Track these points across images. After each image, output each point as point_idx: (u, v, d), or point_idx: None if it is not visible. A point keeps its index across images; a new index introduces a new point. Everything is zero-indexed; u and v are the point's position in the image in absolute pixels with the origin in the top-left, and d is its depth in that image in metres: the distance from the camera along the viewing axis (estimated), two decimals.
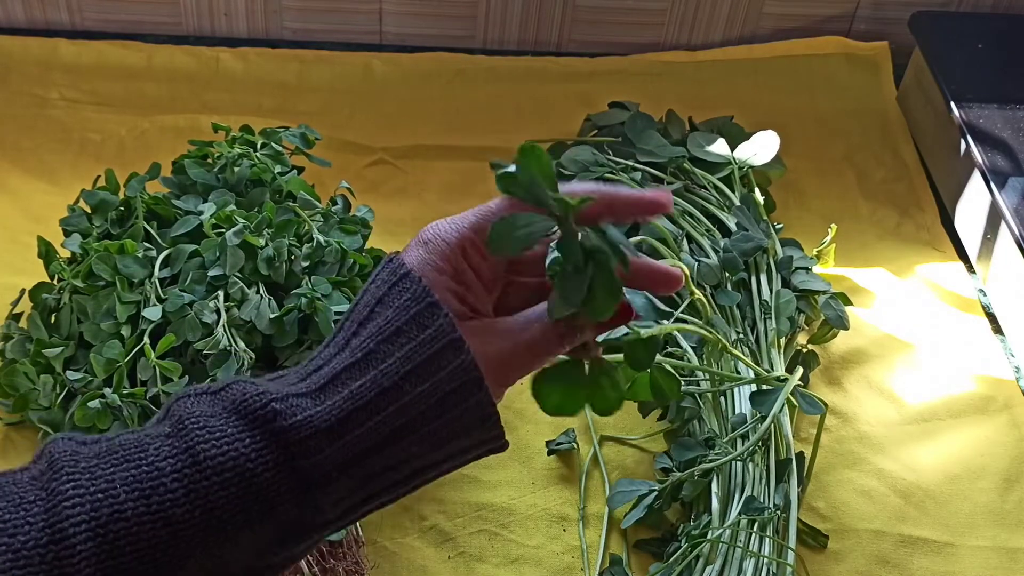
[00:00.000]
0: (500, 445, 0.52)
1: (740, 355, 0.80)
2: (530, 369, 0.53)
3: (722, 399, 0.83)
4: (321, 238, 0.81)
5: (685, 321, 0.81)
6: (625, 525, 0.78)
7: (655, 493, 0.78)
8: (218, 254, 0.79)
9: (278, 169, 0.87)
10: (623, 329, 0.57)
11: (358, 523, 0.74)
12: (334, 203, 0.87)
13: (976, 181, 1.00)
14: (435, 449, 0.50)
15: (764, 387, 0.79)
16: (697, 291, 0.78)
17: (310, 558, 0.70)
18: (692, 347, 0.85)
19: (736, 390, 0.82)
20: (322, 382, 0.49)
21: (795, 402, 0.79)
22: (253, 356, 0.75)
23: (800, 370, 0.82)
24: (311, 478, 0.48)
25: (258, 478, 0.47)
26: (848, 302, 0.92)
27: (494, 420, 0.51)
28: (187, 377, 0.74)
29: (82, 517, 0.45)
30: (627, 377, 0.61)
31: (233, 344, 0.75)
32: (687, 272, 0.68)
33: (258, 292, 0.77)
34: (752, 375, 0.82)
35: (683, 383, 0.83)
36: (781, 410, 0.77)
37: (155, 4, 1.15)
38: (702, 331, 0.76)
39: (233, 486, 0.46)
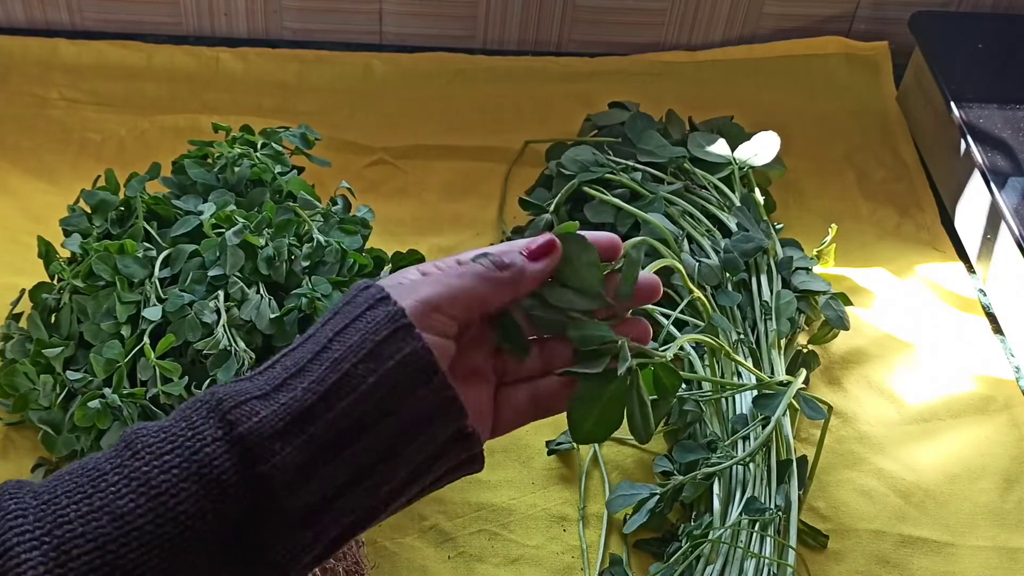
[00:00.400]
0: (463, 434, 0.51)
1: (742, 361, 0.80)
2: (471, 306, 0.54)
3: (724, 400, 0.83)
4: (321, 238, 0.81)
5: (685, 323, 0.81)
6: (628, 530, 0.78)
7: (657, 497, 0.78)
8: (218, 254, 0.79)
9: (278, 169, 0.87)
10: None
11: None
12: (334, 203, 0.87)
13: (976, 181, 1.00)
14: (405, 443, 0.50)
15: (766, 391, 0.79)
16: (697, 291, 0.78)
17: None
18: (693, 347, 0.85)
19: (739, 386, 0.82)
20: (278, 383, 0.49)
21: (797, 406, 0.79)
22: (253, 356, 0.75)
23: (803, 373, 0.82)
24: (252, 446, 0.46)
25: (198, 454, 0.46)
26: (848, 302, 0.92)
27: (459, 410, 0.50)
28: (187, 377, 0.74)
29: (26, 528, 0.44)
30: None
31: (233, 344, 0.75)
32: (682, 270, 0.68)
33: (258, 292, 0.77)
34: (753, 380, 0.82)
35: (686, 387, 0.83)
36: (784, 413, 0.77)
37: (155, 4, 1.15)
38: (707, 340, 0.76)
39: (175, 468, 0.45)
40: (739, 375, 0.83)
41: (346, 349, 0.50)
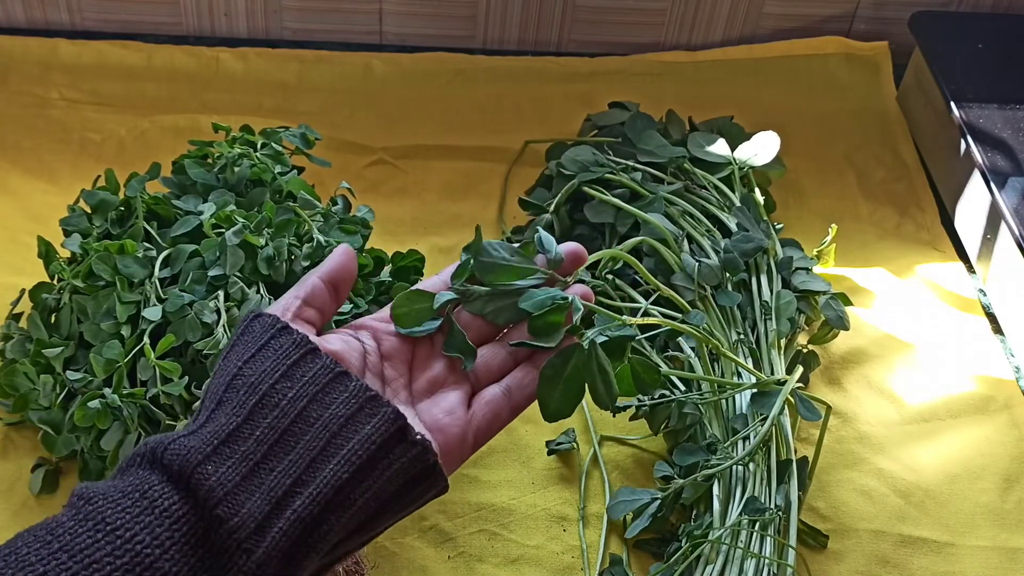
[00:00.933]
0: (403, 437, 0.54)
1: (737, 359, 0.80)
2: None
3: (724, 401, 0.83)
4: (321, 238, 0.81)
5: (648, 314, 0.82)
6: (629, 535, 0.78)
7: (658, 502, 0.77)
8: (218, 254, 0.78)
9: (278, 169, 0.87)
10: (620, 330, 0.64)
11: None
12: (334, 203, 0.87)
13: (976, 181, 1.00)
14: (351, 462, 0.52)
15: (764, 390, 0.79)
16: (662, 287, 0.80)
17: None
18: (692, 348, 0.85)
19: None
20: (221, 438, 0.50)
21: (795, 403, 0.79)
22: None
23: (799, 370, 0.82)
24: (189, 477, 0.48)
25: (146, 495, 0.47)
26: (848, 302, 0.92)
27: (383, 404, 0.53)
28: (187, 377, 0.74)
29: None
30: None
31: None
32: (623, 255, 0.72)
33: (258, 292, 0.77)
34: (752, 378, 0.82)
35: (684, 389, 0.83)
36: (781, 412, 0.77)
37: (155, 4, 1.15)
38: (690, 330, 0.76)
39: (128, 508, 0.47)
40: (739, 375, 0.83)
41: (260, 373, 0.52)
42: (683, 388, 0.83)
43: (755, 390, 0.79)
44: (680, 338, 0.85)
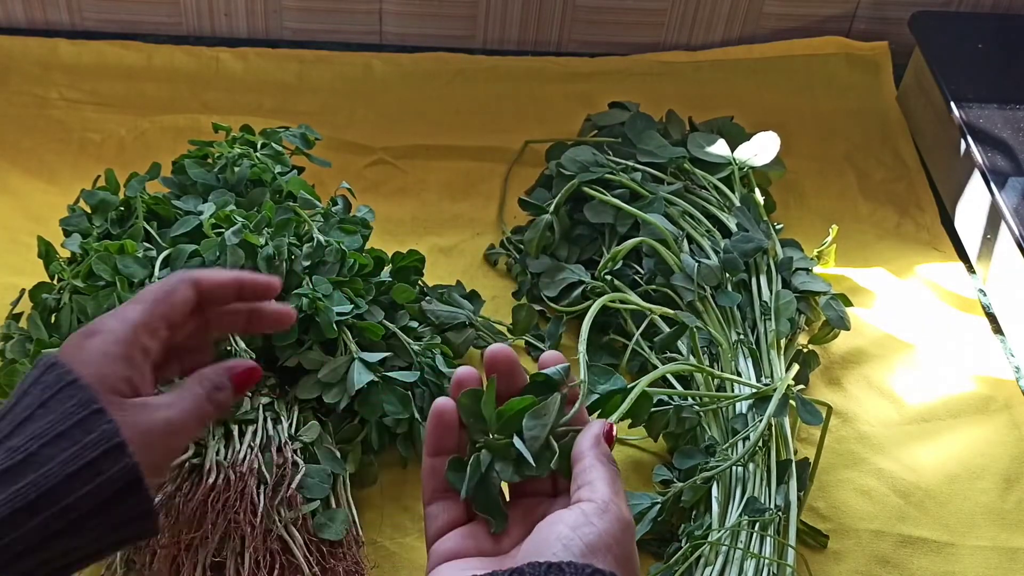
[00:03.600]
0: (151, 531, 0.53)
1: (734, 377, 0.80)
2: (192, 433, 0.57)
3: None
4: (321, 238, 0.81)
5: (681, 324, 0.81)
6: None
7: (658, 507, 0.77)
8: (218, 254, 0.78)
9: (278, 169, 0.87)
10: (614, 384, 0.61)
11: (358, 523, 0.74)
12: (334, 203, 0.87)
13: (976, 181, 1.00)
14: (93, 543, 0.51)
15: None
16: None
17: (310, 558, 0.69)
18: (690, 350, 0.85)
19: (736, 390, 0.82)
20: None
21: (795, 405, 0.79)
22: (253, 356, 0.75)
23: (795, 369, 0.82)
24: None
25: None
26: (848, 302, 0.92)
27: (152, 516, 0.52)
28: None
29: None
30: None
31: (233, 344, 0.75)
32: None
33: None
34: (752, 380, 0.82)
35: (683, 393, 0.83)
36: (781, 412, 0.77)
37: (155, 4, 1.15)
38: (690, 368, 0.76)
39: None
40: (739, 375, 0.83)
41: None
42: (680, 388, 0.84)
43: (753, 390, 0.79)
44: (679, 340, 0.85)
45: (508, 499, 0.58)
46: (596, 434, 0.56)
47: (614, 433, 0.57)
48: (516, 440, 0.56)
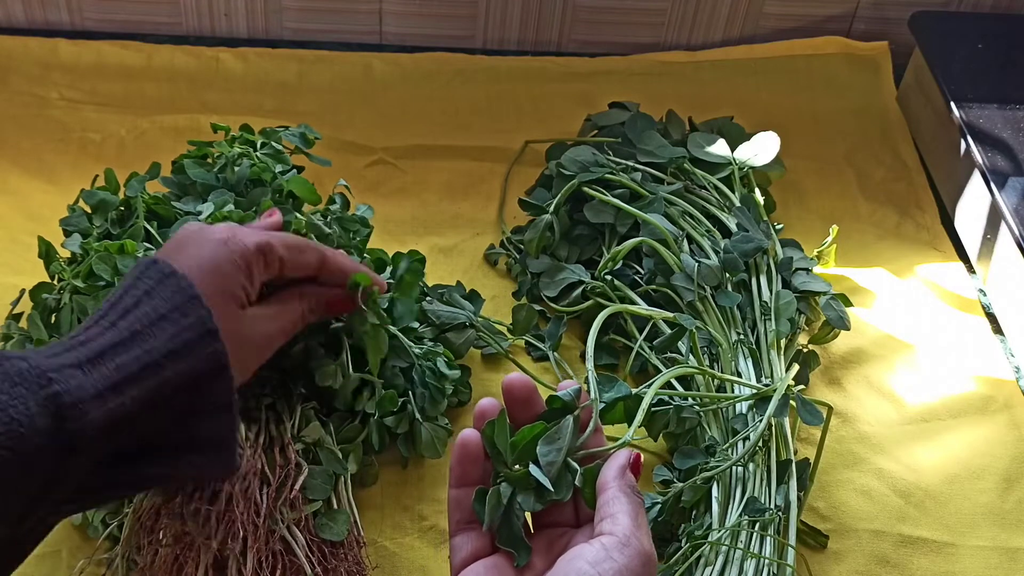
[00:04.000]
0: (230, 435, 0.58)
1: (733, 378, 0.80)
2: (282, 342, 0.68)
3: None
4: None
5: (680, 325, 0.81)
6: None
7: (658, 507, 0.77)
8: None
9: (278, 168, 0.87)
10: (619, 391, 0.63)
11: (359, 524, 0.74)
12: (332, 202, 0.87)
13: (976, 181, 1.00)
14: (178, 431, 0.57)
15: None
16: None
17: (312, 558, 0.69)
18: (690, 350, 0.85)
19: (736, 390, 0.82)
20: (91, 355, 0.54)
21: (796, 405, 0.79)
22: None
23: (795, 369, 0.82)
24: (75, 440, 0.51)
25: (27, 442, 0.49)
26: (848, 302, 0.92)
27: (230, 408, 0.58)
28: None
29: None
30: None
31: None
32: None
33: None
34: (752, 380, 0.82)
35: (683, 394, 0.83)
36: (781, 413, 0.77)
37: (155, 4, 1.15)
38: (691, 370, 0.76)
39: (4, 449, 0.49)
40: (739, 375, 0.83)
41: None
42: (680, 388, 0.84)
43: (754, 390, 0.79)
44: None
45: (532, 529, 0.58)
46: (621, 465, 0.56)
47: (641, 462, 0.57)
48: (532, 468, 0.56)
